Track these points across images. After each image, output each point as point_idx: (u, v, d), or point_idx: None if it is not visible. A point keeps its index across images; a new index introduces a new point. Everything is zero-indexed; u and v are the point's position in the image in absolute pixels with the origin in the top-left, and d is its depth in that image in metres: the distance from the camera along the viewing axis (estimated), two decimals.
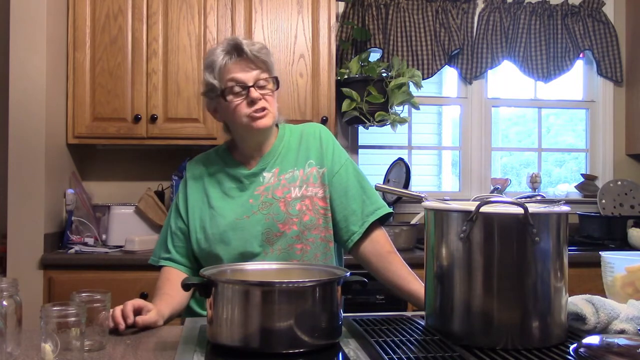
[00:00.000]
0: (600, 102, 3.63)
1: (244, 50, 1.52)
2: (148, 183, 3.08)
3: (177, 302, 1.52)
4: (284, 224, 1.54)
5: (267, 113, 1.54)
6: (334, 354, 1.11)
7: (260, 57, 1.53)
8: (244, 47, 1.52)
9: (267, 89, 1.55)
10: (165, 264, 1.62)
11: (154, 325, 1.37)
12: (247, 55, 1.52)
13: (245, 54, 1.52)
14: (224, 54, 1.53)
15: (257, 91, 1.53)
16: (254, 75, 1.53)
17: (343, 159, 1.64)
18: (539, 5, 3.49)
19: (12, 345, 1.12)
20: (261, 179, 1.59)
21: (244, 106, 1.53)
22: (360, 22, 3.32)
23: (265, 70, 1.55)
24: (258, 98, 1.52)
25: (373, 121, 3.06)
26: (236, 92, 1.53)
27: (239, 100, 1.53)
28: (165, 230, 1.66)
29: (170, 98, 2.89)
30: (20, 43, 2.62)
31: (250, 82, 1.52)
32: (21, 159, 2.61)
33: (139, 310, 1.36)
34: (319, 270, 1.30)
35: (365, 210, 1.60)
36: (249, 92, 1.52)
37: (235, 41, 1.54)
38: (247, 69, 1.53)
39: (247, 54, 1.52)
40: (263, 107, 1.53)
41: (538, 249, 1.07)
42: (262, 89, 1.54)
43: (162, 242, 1.66)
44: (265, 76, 1.55)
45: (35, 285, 2.58)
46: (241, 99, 1.53)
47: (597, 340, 0.99)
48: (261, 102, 1.53)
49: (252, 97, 1.52)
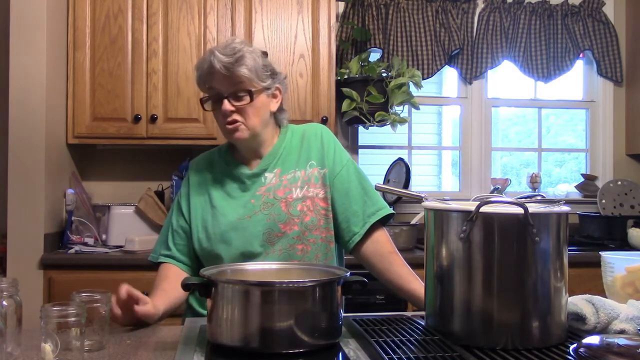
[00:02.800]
0: (600, 102, 3.63)
1: (214, 65, 1.47)
2: (148, 183, 3.08)
3: (174, 299, 1.52)
4: (285, 225, 1.54)
5: (239, 126, 1.51)
6: (334, 354, 1.11)
7: (234, 70, 1.47)
8: (214, 62, 1.46)
9: (243, 102, 1.51)
10: (164, 261, 1.62)
11: (150, 318, 1.37)
12: (217, 68, 1.47)
13: (215, 67, 1.47)
14: (206, 62, 1.50)
15: (232, 103, 1.50)
16: (228, 87, 1.50)
17: (344, 160, 1.64)
18: (539, 5, 3.49)
19: (12, 345, 1.12)
20: (263, 180, 1.59)
21: (219, 117, 1.53)
22: (360, 22, 3.32)
23: (240, 83, 1.50)
24: (227, 110, 1.49)
25: (373, 121, 3.06)
26: (214, 102, 1.53)
27: (216, 110, 1.53)
28: (166, 228, 1.66)
29: (170, 98, 2.89)
30: (20, 43, 2.62)
31: (224, 94, 1.50)
32: (21, 159, 2.61)
33: (136, 301, 1.36)
34: (319, 270, 1.30)
35: (366, 211, 1.60)
36: (222, 103, 1.50)
37: (212, 53, 1.49)
38: (222, 81, 1.50)
39: (217, 67, 1.47)
40: (234, 119, 1.50)
41: (538, 249, 1.07)
42: (238, 100, 1.50)
43: (162, 239, 1.66)
44: (241, 88, 1.50)
45: (35, 285, 2.58)
46: (218, 110, 1.52)
47: (597, 340, 0.99)
48: (235, 114, 1.50)
49: (223, 109, 1.49)
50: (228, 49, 1.49)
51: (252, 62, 1.50)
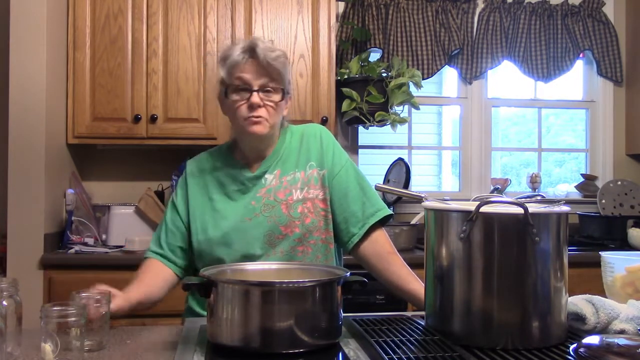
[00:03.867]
0: (600, 102, 3.63)
1: (257, 53, 1.49)
2: (148, 183, 3.08)
3: (150, 291, 1.51)
4: (286, 227, 1.54)
5: (262, 121, 1.51)
6: (334, 354, 1.11)
7: (273, 65, 1.49)
8: (258, 51, 1.48)
9: (272, 99, 1.52)
10: (152, 257, 1.60)
11: (122, 310, 1.36)
12: (259, 59, 1.49)
13: (258, 57, 1.49)
14: (240, 51, 1.50)
15: (261, 97, 1.50)
16: (261, 80, 1.50)
17: (343, 161, 1.64)
18: (539, 5, 3.49)
19: (12, 345, 1.12)
20: (263, 181, 1.59)
21: (243, 108, 1.51)
22: (360, 22, 3.32)
23: (274, 79, 1.51)
24: (257, 104, 1.50)
25: (373, 121, 3.06)
26: (240, 92, 1.51)
27: (240, 101, 1.51)
28: (160, 227, 1.65)
29: (170, 98, 2.89)
30: (20, 43, 2.62)
31: (255, 86, 1.50)
32: (21, 159, 2.61)
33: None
34: (319, 270, 1.30)
35: (365, 212, 1.60)
36: (251, 95, 1.50)
37: (253, 42, 1.51)
38: (256, 73, 1.50)
39: (260, 57, 1.49)
40: (260, 115, 1.50)
41: (538, 249, 1.07)
42: (266, 96, 1.51)
43: (155, 237, 1.64)
44: (274, 85, 1.51)
45: (35, 285, 2.58)
46: (243, 101, 1.51)
47: (597, 340, 0.99)
48: (260, 109, 1.50)
49: (252, 101, 1.49)
50: (268, 44, 1.51)
51: (286, 62, 1.54)
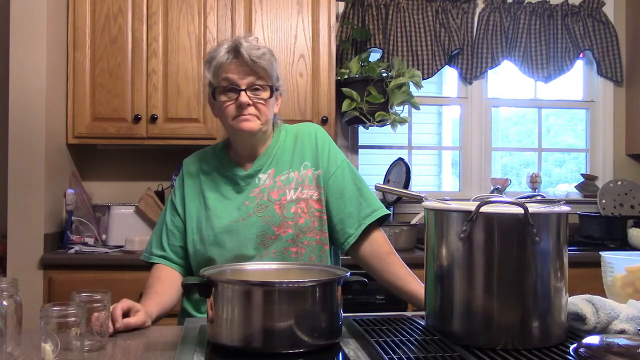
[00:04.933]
0: (600, 102, 3.63)
1: (241, 53, 1.48)
2: (148, 183, 3.08)
3: (167, 301, 1.50)
4: (279, 227, 1.53)
5: (252, 118, 1.51)
6: (334, 354, 1.11)
7: (258, 63, 1.49)
8: (242, 50, 1.48)
9: (260, 96, 1.51)
10: (157, 262, 1.60)
11: (141, 326, 1.35)
12: (244, 58, 1.48)
13: (243, 56, 1.48)
14: (225, 52, 1.50)
15: (249, 96, 1.50)
16: (248, 79, 1.50)
17: (339, 161, 1.62)
18: (539, 5, 3.49)
19: (12, 345, 1.12)
20: (257, 181, 1.58)
21: (232, 108, 1.51)
22: (360, 22, 3.32)
23: (261, 77, 1.51)
24: (246, 103, 1.49)
25: (373, 121, 3.06)
26: (228, 93, 1.51)
27: (229, 102, 1.51)
28: (160, 227, 1.63)
29: (170, 98, 2.89)
30: (20, 43, 2.62)
31: (242, 86, 1.49)
32: (21, 159, 2.61)
33: (128, 311, 1.34)
34: (319, 270, 1.30)
35: (361, 213, 1.59)
36: (239, 95, 1.49)
37: (237, 42, 1.51)
38: (242, 72, 1.49)
39: (244, 56, 1.48)
40: (250, 113, 1.50)
41: (538, 249, 1.07)
42: (255, 95, 1.51)
43: (156, 238, 1.63)
44: (261, 83, 1.51)
45: (35, 285, 2.58)
46: (231, 101, 1.51)
47: (597, 340, 0.99)
48: (250, 108, 1.50)
49: (241, 101, 1.49)
50: (253, 42, 1.51)
51: (272, 59, 1.53)
